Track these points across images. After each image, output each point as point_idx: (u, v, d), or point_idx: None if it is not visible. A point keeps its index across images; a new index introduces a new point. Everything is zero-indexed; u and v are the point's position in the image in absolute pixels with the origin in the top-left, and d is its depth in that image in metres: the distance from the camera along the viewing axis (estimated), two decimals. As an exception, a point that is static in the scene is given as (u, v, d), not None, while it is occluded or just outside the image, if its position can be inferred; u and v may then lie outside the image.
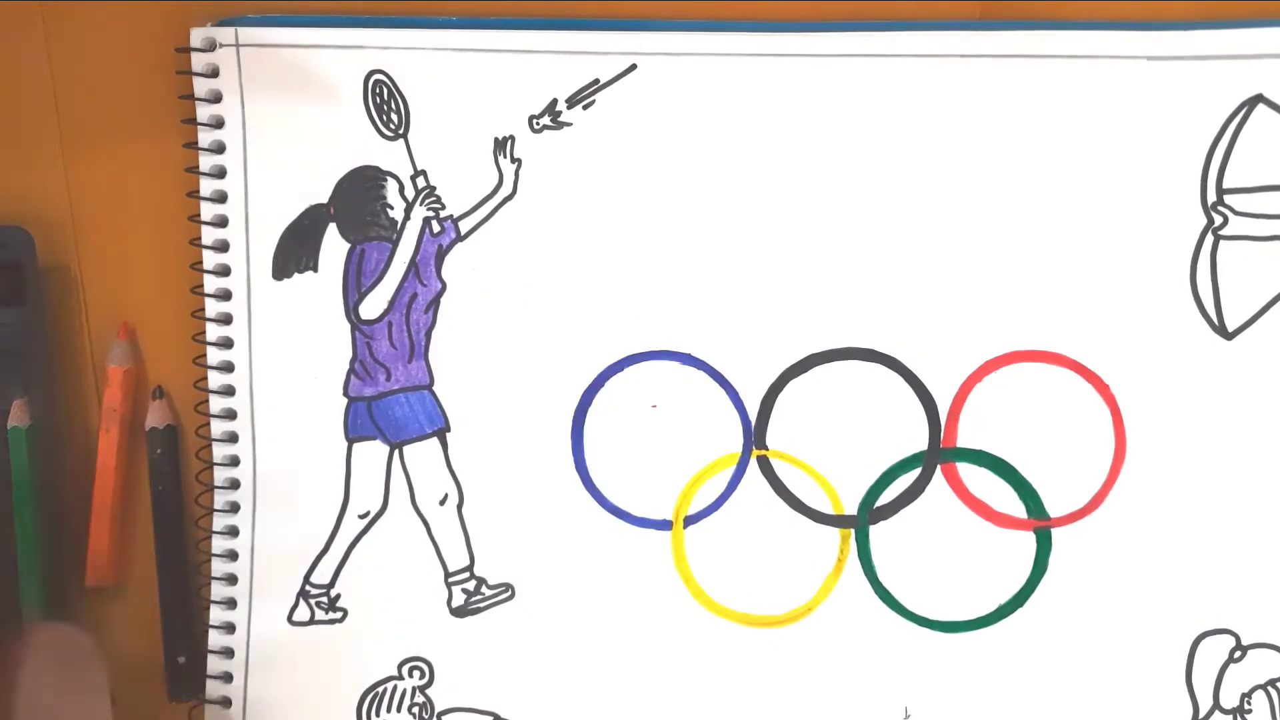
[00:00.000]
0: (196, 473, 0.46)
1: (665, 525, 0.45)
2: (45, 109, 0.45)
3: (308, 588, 0.46)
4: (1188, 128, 0.43)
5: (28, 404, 0.44)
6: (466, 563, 0.46)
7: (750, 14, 0.44)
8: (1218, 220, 0.44)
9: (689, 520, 0.45)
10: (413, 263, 0.45)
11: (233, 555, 0.46)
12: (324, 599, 0.46)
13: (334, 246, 0.45)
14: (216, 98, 0.44)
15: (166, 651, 0.46)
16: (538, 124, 0.44)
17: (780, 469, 0.45)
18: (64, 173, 0.45)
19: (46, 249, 0.45)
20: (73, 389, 0.46)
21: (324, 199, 0.44)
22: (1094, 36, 0.43)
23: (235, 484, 0.45)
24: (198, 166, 0.44)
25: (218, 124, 0.44)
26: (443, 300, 0.45)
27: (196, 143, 0.44)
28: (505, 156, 0.44)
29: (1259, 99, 0.43)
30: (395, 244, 0.45)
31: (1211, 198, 0.44)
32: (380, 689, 0.46)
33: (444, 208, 0.44)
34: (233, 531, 0.45)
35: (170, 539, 0.46)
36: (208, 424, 0.45)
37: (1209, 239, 0.44)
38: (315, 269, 0.45)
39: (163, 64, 0.44)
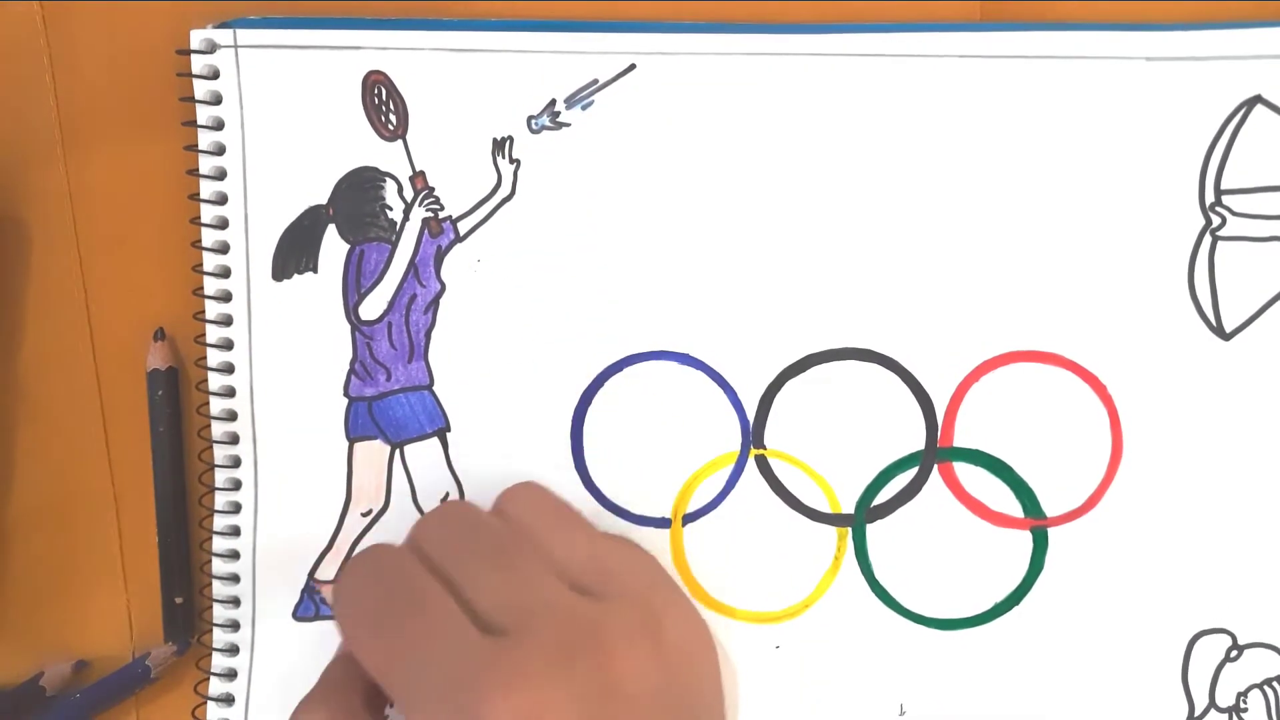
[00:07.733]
0: (199, 474, 0.46)
1: (664, 523, 0.46)
2: (45, 110, 0.45)
3: (313, 583, 0.46)
4: (1186, 128, 0.43)
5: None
6: (467, 560, 0.46)
7: (749, 15, 0.44)
8: (1216, 221, 0.43)
9: (688, 518, 0.46)
10: (412, 264, 0.45)
11: (235, 555, 0.46)
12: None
13: (333, 247, 0.45)
14: (216, 99, 0.44)
15: (164, 591, 0.46)
16: (536, 124, 0.44)
17: (778, 468, 0.45)
18: (65, 175, 0.45)
19: (48, 251, 0.45)
20: (74, 392, 0.47)
21: (323, 200, 0.44)
22: (1092, 37, 0.43)
23: (237, 484, 0.46)
24: (198, 169, 0.44)
25: (217, 126, 0.44)
26: (442, 301, 0.45)
27: (196, 145, 0.44)
28: (504, 157, 0.44)
29: (1257, 100, 0.43)
30: (394, 245, 0.45)
31: (1210, 198, 0.43)
32: (382, 685, 0.47)
33: (443, 209, 0.45)
34: (235, 531, 0.46)
35: (170, 480, 0.46)
36: (209, 424, 0.46)
37: (1207, 239, 0.44)
38: (315, 270, 0.45)
39: (164, 66, 0.44)
